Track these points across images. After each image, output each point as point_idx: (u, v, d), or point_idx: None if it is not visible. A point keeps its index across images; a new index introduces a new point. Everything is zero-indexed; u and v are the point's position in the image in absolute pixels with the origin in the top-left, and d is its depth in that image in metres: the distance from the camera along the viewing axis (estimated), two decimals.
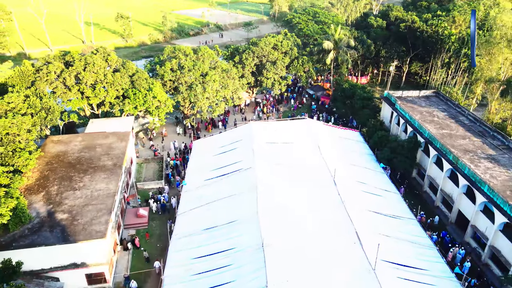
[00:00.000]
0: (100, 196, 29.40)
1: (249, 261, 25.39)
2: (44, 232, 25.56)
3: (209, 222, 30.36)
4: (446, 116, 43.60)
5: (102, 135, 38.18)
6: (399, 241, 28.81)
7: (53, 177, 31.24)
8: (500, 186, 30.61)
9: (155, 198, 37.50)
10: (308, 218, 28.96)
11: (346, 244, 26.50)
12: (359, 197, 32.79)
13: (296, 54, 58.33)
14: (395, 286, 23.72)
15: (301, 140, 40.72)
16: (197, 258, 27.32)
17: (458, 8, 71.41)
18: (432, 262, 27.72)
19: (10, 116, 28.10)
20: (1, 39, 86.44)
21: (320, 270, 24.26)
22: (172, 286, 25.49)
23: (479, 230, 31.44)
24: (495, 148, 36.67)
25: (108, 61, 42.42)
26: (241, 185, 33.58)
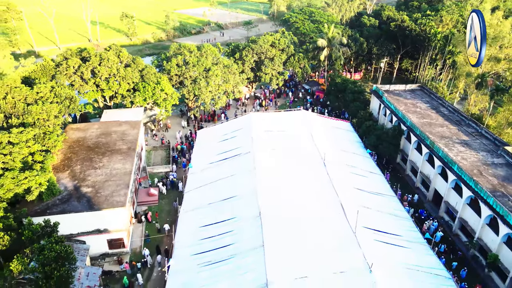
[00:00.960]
0: (118, 174, 33.65)
1: (248, 227, 29.60)
2: (73, 202, 29.82)
3: (213, 198, 34.59)
4: (428, 107, 47.83)
5: (116, 123, 42.38)
6: (379, 212, 33.05)
7: (76, 158, 35.47)
8: (468, 166, 34.84)
9: (163, 182, 41.76)
10: (299, 194, 33.14)
11: (332, 213, 30.70)
12: (346, 177, 36.98)
13: (292, 51, 62.50)
14: (372, 246, 27.92)
15: (295, 129, 44.87)
16: (203, 226, 31.58)
17: (446, 8, 75.47)
18: (407, 230, 31.98)
19: (40, 104, 32.31)
20: (12, 37, 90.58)
21: (309, 234, 28.48)
22: (182, 249, 29.73)
23: (450, 205, 35.71)
24: (469, 134, 40.91)
25: (120, 57, 46.60)
26: (241, 166, 37.79)
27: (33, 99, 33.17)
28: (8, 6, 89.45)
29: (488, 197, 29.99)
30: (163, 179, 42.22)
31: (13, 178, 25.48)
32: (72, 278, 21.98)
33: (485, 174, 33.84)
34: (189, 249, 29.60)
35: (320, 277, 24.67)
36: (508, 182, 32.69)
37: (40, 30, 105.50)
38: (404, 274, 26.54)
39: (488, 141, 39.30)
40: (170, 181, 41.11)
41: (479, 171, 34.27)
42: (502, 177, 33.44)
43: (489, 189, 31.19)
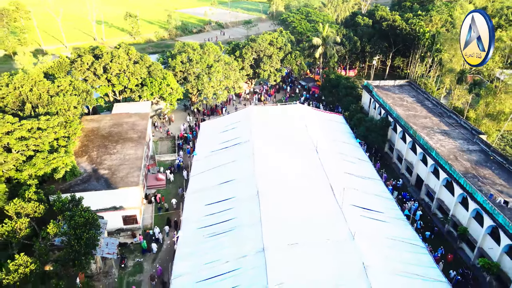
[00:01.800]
0: (130, 159, 37.53)
1: (248, 204, 33.40)
2: (92, 182, 33.71)
3: (216, 181, 38.43)
4: (414, 101, 51.68)
5: (126, 115, 46.23)
6: (364, 193, 36.89)
7: (92, 145, 39.34)
8: (446, 152, 38.72)
9: (171, 170, 45.60)
10: (293, 176, 36.98)
11: (322, 193, 34.51)
12: (336, 162, 40.83)
13: (289, 49, 66.31)
14: (357, 220, 31.76)
15: (291, 120, 48.69)
16: (207, 205, 35.42)
17: (436, 8, 79.25)
18: (390, 209, 35.84)
19: (62, 96, 36.13)
20: (21, 36, 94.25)
21: (301, 210, 32.30)
22: (189, 224, 33.59)
23: (430, 187, 39.61)
24: (449, 125, 44.76)
25: (129, 54, 50.39)
26: (241, 153, 41.63)
27: (55, 91, 37.01)
28: (17, 6, 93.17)
29: (460, 178, 33.86)
30: (170, 167, 46.05)
31: (43, 158, 29.33)
32: (97, 240, 25.88)
33: (460, 159, 37.71)
34: (195, 224, 33.46)
35: (309, 244, 28.53)
36: (479, 166, 36.57)
37: (47, 29, 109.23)
38: (384, 243, 30.43)
39: (465, 130, 43.16)
40: (177, 165, 45.20)
41: (455, 156, 38.13)
42: (475, 161, 37.31)
43: (461, 172, 35.04)
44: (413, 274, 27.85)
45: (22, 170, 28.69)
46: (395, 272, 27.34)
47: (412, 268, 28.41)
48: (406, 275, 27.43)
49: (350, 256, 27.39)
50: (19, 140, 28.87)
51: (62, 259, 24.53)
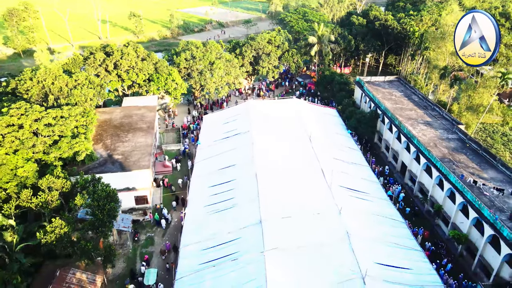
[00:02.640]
0: (141, 146, 41.53)
1: (247, 185, 37.34)
2: (108, 165, 37.72)
3: (218, 166, 42.41)
4: (402, 95, 55.66)
5: (135, 108, 50.20)
6: (352, 177, 40.89)
7: (106, 134, 43.32)
8: (426, 140, 42.72)
9: (177, 159, 49.53)
10: (288, 161, 40.96)
11: (313, 175, 38.47)
12: (327, 150, 44.79)
13: (287, 47, 70.24)
14: (343, 198, 35.69)
15: (288, 113, 52.61)
16: (211, 186, 39.44)
17: (427, 8, 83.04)
18: (374, 190, 39.85)
19: (79, 88, 40.09)
20: (29, 35, 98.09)
21: (294, 189, 36.25)
22: (194, 202, 37.58)
23: (412, 172, 43.64)
24: (432, 117, 48.75)
25: (137, 52, 54.34)
26: (241, 142, 45.63)
27: (73, 85, 40.98)
28: (26, 6, 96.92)
29: (437, 162, 37.86)
30: (176, 157, 49.97)
31: (67, 143, 33.30)
32: (117, 211, 29.88)
33: (439, 146, 41.71)
34: (200, 202, 37.45)
35: (300, 217, 32.53)
36: (456, 152, 40.57)
37: (54, 29, 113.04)
38: (367, 217, 34.45)
39: (446, 121, 47.14)
40: (183, 151, 49.47)
41: (434, 144, 42.13)
42: (452, 148, 41.32)
43: (439, 157, 39.05)
44: (391, 243, 31.90)
45: (49, 153, 32.65)
46: (375, 240, 31.40)
47: (390, 238, 32.46)
48: (384, 243, 31.49)
49: (336, 227, 31.43)
50: (46, 127, 32.84)
51: (87, 227, 28.53)
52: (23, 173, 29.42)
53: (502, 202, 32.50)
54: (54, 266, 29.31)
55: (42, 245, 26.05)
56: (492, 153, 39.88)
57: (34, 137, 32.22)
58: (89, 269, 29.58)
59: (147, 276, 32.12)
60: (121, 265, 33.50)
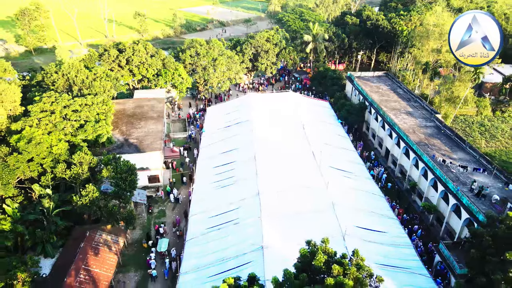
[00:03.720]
0: (153, 132, 46.81)
1: (247, 165, 42.55)
2: (125, 147, 43.02)
3: (221, 150, 47.70)
4: (388, 89, 60.93)
5: (146, 99, 55.47)
6: (340, 159, 46.16)
7: (121, 122, 48.60)
8: (407, 127, 48.00)
9: (184, 147, 54.77)
10: (283, 145, 46.19)
11: (304, 156, 43.75)
12: (318, 136, 50.01)
13: (284, 45, 75.45)
14: (330, 176, 40.91)
15: (284, 104, 57.89)
16: (215, 167, 44.73)
17: (416, 8, 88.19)
18: (359, 170, 45.13)
19: (99, 80, 45.35)
20: (40, 33, 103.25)
21: (288, 167, 41.47)
22: (201, 179, 42.86)
23: (394, 155, 48.96)
24: (414, 107, 54.02)
25: (146, 49, 59.59)
26: (241, 130, 50.90)
27: (92, 78, 46.25)
28: (37, 6, 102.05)
29: (413, 145, 43.16)
30: (184, 145, 55.17)
31: (92, 126, 38.60)
32: (136, 183, 35.20)
33: (417, 132, 47.00)
34: (205, 180, 42.78)
35: (293, 190, 37.82)
36: (431, 137, 45.86)
37: (62, 27, 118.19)
38: (350, 192, 39.74)
39: (426, 111, 52.42)
40: (189, 135, 55.01)
41: (413, 130, 47.43)
42: (429, 134, 46.60)
43: (416, 141, 44.34)
44: (370, 212, 37.23)
45: (76, 135, 37.92)
46: (356, 209, 36.72)
47: (370, 208, 37.80)
48: (364, 212, 36.83)
49: (323, 198, 36.72)
50: (74, 112, 38.09)
51: (112, 195, 33.84)
52: (57, 150, 34.67)
53: (466, 177, 37.81)
54: (83, 229, 34.65)
55: (77, 207, 31.37)
56: (462, 137, 45.16)
57: (64, 121, 37.51)
58: (112, 232, 34.97)
59: (159, 244, 37.33)
60: (138, 232, 38.85)
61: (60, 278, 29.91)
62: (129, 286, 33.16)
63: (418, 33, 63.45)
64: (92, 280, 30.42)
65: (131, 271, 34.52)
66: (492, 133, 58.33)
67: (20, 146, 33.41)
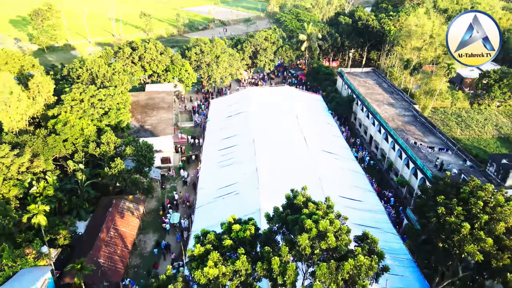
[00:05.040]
0: (164, 120, 53.44)
1: (246, 148, 49.17)
2: (142, 132, 49.65)
3: (224, 135, 54.33)
4: (374, 83, 67.52)
5: (156, 92, 62.08)
6: (328, 144, 52.75)
7: (136, 111, 55.20)
8: (387, 116, 54.61)
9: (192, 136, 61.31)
10: (278, 132, 52.79)
11: (297, 142, 50.28)
12: (310, 125, 56.58)
13: (281, 44, 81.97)
14: (319, 157, 47.51)
15: (280, 97, 64.48)
16: (219, 150, 51.33)
17: (405, 9, 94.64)
18: (345, 152, 51.78)
19: (118, 75, 51.94)
20: (52, 32, 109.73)
21: (283, 150, 48.06)
22: (207, 161, 49.49)
23: (376, 141, 55.63)
24: (396, 99, 60.62)
25: (156, 47, 66.12)
26: (242, 119, 57.50)
27: (111, 72, 52.85)
28: (49, 7, 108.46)
29: (391, 131, 49.78)
30: (192, 135, 61.65)
31: (115, 113, 45.22)
32: (153, 160, 41.83)
33: (396, 120, 53.61)
34: (211, 160, 49.39)
35: (286, 168, 44.42)
36: (408, 124, 52.46)
37: (71, 26, 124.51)
38: (336, 170, 46.39)
39: (406, 103, 59.05)
40: (195, 121, 61.67)
41: (393, 119, 54.04)
42: (406, 122, 53.23)
43: (394, 127, 50.95)
44: (352, 186, 43.91)
45: (101, 120, 44.51)
46: (339, 183, 43.36)
47: (352, 183, 44.48)
48: (347, 185, 43.48)
49: (312, 174, 43.26)
50: (99, 101, 44.68)
51: (134, 170, 40.47)
52: (87, 132, 41.25)
53: (432, 156, 44.45)
54: (109, 198, 41.32)
55: (106, 178, 38.00)
56: (434, 124, 51.79)
57: (92, 108, 44.11)
58: (134, 201, 41.63)
59: (172, 217, 43.87)
60: (154, 203, 45.52)
61: (93, 235, 36.58)
62: (149, 244, 39.84)
63: (402, 32, 69.98)
64: (120, 237, 37.11)
65: (149, 233, 41.23)
66: (468, 123, 64.87)
67: (57, 129, 40.03)
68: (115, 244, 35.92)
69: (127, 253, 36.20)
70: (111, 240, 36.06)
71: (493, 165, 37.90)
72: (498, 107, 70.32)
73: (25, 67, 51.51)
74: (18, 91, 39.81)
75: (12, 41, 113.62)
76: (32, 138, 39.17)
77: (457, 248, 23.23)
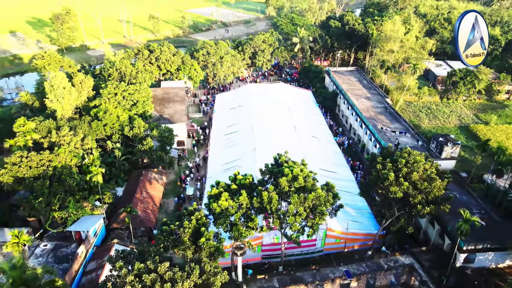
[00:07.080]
0: (179, 110, 64.88)
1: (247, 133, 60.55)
2: (161, 120, 61.09)
3: (228, 123, 65.74)
4: (356, 80, 78.89)
5: (170, 88, 73.48)
6: (314, 131, 64.13)
7: (155, 103, 66.48)
8: (363, 107, 66.01)
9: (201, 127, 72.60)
10: (273, 120, 64.18)
11: (288, 129, 61.67)
12: (300, 115, 67.94)
13: (277, 45, 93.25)
14: (305, 140, 58.87)
15: (275, 92, 75.86)
16: (224, 135, 62.76)
17: (389, 14, 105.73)
18: (327, 137, 63.20)
19: (140, 73, 63.27)
20: (70, 34, 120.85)
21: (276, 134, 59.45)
22: (214, 142, 60.89)
23: (354, 128, 67.11)
24: (372, 94, 72.02)
25: (169, 49, 77.43)
26: (243, 110, 68.90)
27: (135, 71, 64.21)
28: (68, 11, 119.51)
29: (365, 119, 61.20)
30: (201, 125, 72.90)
31: (141, 104, 56.62)
32: (173, 141, 53.30)
33: (370, 111, 65.03)
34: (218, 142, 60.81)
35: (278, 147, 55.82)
36: (379, 114, 63.86)
37: (86, 28, 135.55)
38: (319, 151, 57.83)
39: (380, 97, 70.42)
40: (203, 110, 73.22)
41: (367, 110, 65.46)
42: (378, 112, 64.63)
43: (367, 117, 62.34)
44: (331, 162, 55.36)
45: (131, 110, 55.91)
46: (320, 159, 54.81)
47: (331, 160, 55.92)
48: (326, 161, 54.92)
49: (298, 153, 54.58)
50: (129, 94, 56.08)
51: (158, 148, 51.99)
52: (122, 118, 52.64)
53: (394, 138, 55.89)
54: (139, 171, 52.78)
55: (138, 154, 49.44)
56: (400, 113, 63.17)
57: (124, 100, 55.51)
58: (158, 173, 53.08)
59: (187, 189, 55.22)
60: (172, 176, 56.99)
61: (129, 196, 48.04)
62: (171, 205, 51.36)
63: (381, 36, 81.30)
64: (150, 198, 48.63)
65: (170, 198, 52.70)
66: (435, 114, 76.24)
67: (100, 115, 51.44)
68: (147, 202, 47.48)
69: (156, 209, 47.77)
70: (144, 199, 47.59)
71: (434, 143, 49.39)
72: (464, 101, 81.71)
73: (64, 67, 62.91)
74: (69, 87, 51.20)
75: (34, 42, 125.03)
76: (80, 123, 50.63)
77: (387, 191, 34.68)
